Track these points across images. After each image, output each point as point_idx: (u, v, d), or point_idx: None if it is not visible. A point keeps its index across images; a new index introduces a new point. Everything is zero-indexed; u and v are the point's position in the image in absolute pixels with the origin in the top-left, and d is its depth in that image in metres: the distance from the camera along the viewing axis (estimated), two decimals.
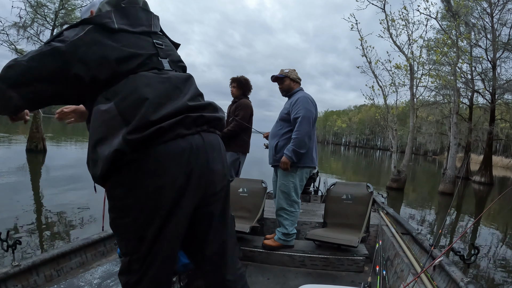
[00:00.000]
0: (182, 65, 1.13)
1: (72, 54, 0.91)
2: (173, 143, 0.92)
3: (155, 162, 0.90)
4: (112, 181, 0.92)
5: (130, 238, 0.95)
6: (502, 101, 16.65)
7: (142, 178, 0.90)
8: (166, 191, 0.91)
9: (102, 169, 0.88)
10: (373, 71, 11.43)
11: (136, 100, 0.90)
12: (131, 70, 0.95)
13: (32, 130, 11.96)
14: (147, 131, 0.87)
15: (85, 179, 7.89)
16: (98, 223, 4.48)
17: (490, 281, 3.77)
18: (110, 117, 0.89)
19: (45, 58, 0.90)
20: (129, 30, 1.00)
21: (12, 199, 5.52)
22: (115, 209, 0.95)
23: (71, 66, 0.91)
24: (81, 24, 0.97)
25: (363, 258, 2.44)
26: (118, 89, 0.92)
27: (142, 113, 0.88)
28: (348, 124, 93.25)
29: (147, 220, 0.92)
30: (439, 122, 18.53)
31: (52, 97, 0.96)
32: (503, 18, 14.96)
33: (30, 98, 0.93)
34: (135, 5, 1.06)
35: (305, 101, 2.44)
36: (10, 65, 0.90)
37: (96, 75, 0.92)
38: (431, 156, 58.02)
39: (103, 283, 1.59)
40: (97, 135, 0.91)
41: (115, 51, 0.94)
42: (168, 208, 0.92)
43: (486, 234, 6.21)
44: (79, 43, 0.92)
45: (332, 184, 3.11)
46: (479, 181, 15.59)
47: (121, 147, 0.85)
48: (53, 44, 0.91)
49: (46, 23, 12.06)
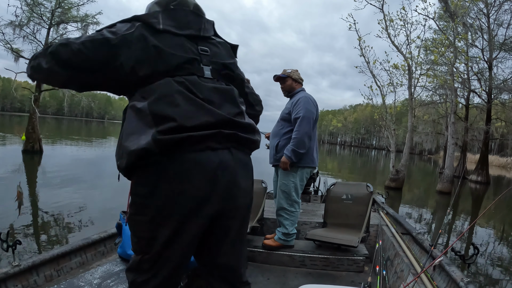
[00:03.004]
0: (226, 73, 1.10)
1: (120, 47, 0.93)
2: (202, 154, 0.92)
3: (181, 168, 0.90)
4: (136, 178, 0.94)
5: (143, 237, 0.96)
6: (498, 101, 16.77)
7: (166, 182, 0.90)
8: (187, 198, 0.92)
9: (127, 163, 0.91)
10: (371, 71, 11.49)
11: (168, 104, 0.91)
12: (169, 72, 0.96)
13: (28, 130, 11.81)
14: (177, 136, 0.89)
15: (83, 180, 7.87)
16: (97, 225, 4.49)
17: (490, 281, 3.79)
18: (142, 115, 0.92)
19: (96, 45, 0.92)
20: (174, 32, 1.01)
21: (9, 201, 5.47)
22: (135, 205, 0.96)
23: (117, 58, 0.93)
24: (133, 20, 1.00)
25: (363, 258, 2.44)
26: (153, 89, 0.94)
27: (173, 117, 0.90)
28: (344, 124, 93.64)
29: (163, 223, 0.92)
30: (435, 122, 18.63)
31: (96, 82, 0.99)
32: (499, 19, 15.10)
33: (76, 80, 0.97)
34: (185, 8, 1.07)
35: (306, 101, 2.44)
36: (62, 43, 0.92)
37: (136, 71, 0.94)
38: (427, 156, 58.37)
39: (103, 283, 1.58)
40: (127, 129, 0.94)
41: (156, 51, 0.96)
42: (186, 215, 0.93)
43: (485, 234, 6.26)
44: (129, 38, 0.95)
45: (332, 184, 3.11)
46: (476, 180, 15.71)
47: (149, 146, 0.87)
48: (105, 34, 0.94)
49: (43, 22, 11.95)
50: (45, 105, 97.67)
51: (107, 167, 10.63)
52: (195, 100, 0.95)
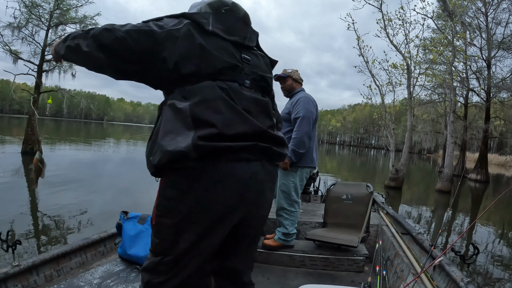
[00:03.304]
0: (263, 85, 1.10)
1: (165, 41, 0.93)
2: (237, 164, 0.92)
3: (215, 177, 0.90)
4: (167, 180, 0.93)
5: (165, 239, 0.95)
6: (497, 100, 16.80)
7: (198, 188, 0.90)
8: (217, 206, 0.91)
9: (159, 161, 0.89)
10: (370, 70, 11.50)
11: (211, 110, 0.91)
12: (212, 74, 0.95)
13: (27, 132, 11.78)
14: (217, 144, 0.88)
15: (82, 182, 7.86)
16: (96, 226, 4.49)
17: (490, 281, 3.79)
18: (182, 116, 0.90)
19: (141, 36, 0.91)
20: (222, 36, 1.00)
21: (8, 203, 5.46)
22: (162, 207, 0.94)
23: (161, 52, 0.92)
24: (181, 17, 0.99)
25: (363, 258, 2.45)
26: (196, 90, 0.93)
27: (214, 124, 0.89)
28: (343, 123, 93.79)
29: (189, 228, 0.92)
30: (434, 121, 18.66)
31: (135, 73, 0.98)
32: (497, 17, 15.13)
33: (115, 67, 0.96)
34: (235, 14, 1.07)
35: (306, 101, 2.45)
36: (107, 28, 0.91)
37: (179, 68, 0.93)
38: (426, 155, 58.46)
39: (103, 283, 1.58)
40: (164, 127, 0.92)
41: (202, 50, 0.95)
42: (214, 222, 0.93)
43: (485, 232, 6.26)
44: (175, 34, 0.93)
45: (332, 184, 3.11)
46: (475, 179, 15.74)
47: (188, 150, 0.85)
48: (152, 26, 0.93)
49: (41, 23, 11.92)
50: (43, 106, 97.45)
51: (106, 168, 10.63)
52: (236, 109, 0.94)
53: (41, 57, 11.98)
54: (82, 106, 15.46)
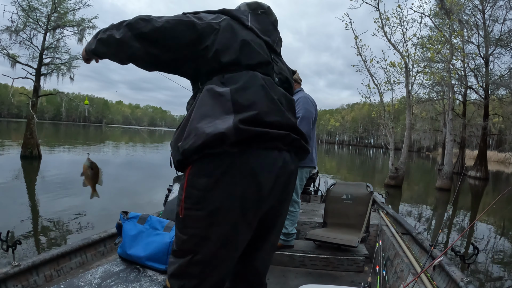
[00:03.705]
0: (286, 87, 1.11)
1: (206, 31, 0.93)
2: (271, 152, 0.91)
3: (251, 164, 0.86)
4: (198, 168, 0.86)
5: (195, 235, 0.87)
6: (496, 97, 16.83)
7: (234, 175, 0.85)
8: (251, 194, 0.87)
9: (194, 144, 0.83)
10: (369, 69, 11.51)
11: (251, 96, 0.91)
12: (250, 65, 0.96)
13: (26, 136, 11.76)
14: (257, 129, 0.86)
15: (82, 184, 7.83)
16: (96, 228, 4.48)
17: (490, 280, 3.79)
18: (222, 100, 0.88)
19: (181, 26, 0.91)
20: (258, 33, 1.04)
21: (7, 206, 5.45)
22: (191, 199, 0.86)
23: (202, 42, 0.93)
24: (218, 12, 1.01)
25: (363, 258, 2.45)
26: (236, 78, 0.93)
27: (254, 109, 0.89)
28: (341, 123, 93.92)
29: (222, 219, 0.86)
30: (433, 119, 18.68)
31: (171, 61, 0.96)
32: (494, 15, 15.16)
33: (152, 56, 0.93)
34: (269, 18, 1.13)
35: (305, 102, 2.46)
36: (143, 18, 0.91)
37: (219, 56, 0.93)
38: (425, 153, 58.54)
39: (103, 283, 1.58)
40: (202, 110, 0.88)
41: (242, 42, 0.96)
42: (247, 211, 0.88)
43: (485, 231, 6.26)
44: (215, 26, 0.95)
45: (332, 184, 3.12)
46: (475, 176, 15.77)
47: (228, 131, 0.81)
48: (191, 17, 0.94)
49: (39, 27, 11.91)
50: (42, 110, 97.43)
51: (105, 171, 10.62)
52: (274, 98, 0.96)
53: (39, 61, 11.97)
54: (81, 109, 15.41)
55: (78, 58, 12.59)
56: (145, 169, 11.66)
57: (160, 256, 1.72)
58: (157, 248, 1.74)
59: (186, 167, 0.88)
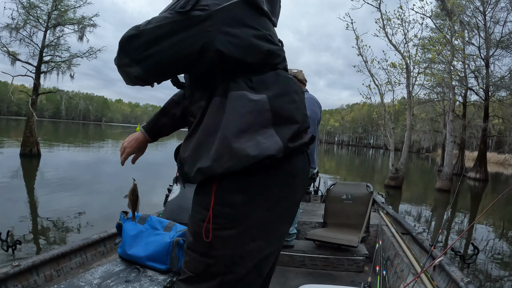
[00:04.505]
0: None
1: (215, 25, 0.74)
2: (301, 157, 0.83)
3: (289, 174, 0.79)
4: (231, 185, 0.75)
5: (226, 255, 0.77)
6: (496, 98, 16.85)
7: (271, 188, 0.76)
8: (287, 204, 0.81)
9: (232, 167, 0.72)
10: (369, 70, 11.51)
11: (289, 104, 0.79)
12: (274, 64, 0.83)
13: (25, 134, 11.75)
14: (301, 142, 0.79)
15: (81, 183, 7.84)
16: (96, 228, 4.47)
17: (490, 281, 3.80)
18: (259, 110, 0.75)
19: (176, 26, 0.74)
20: (270, 17, 0.87)
21: (7, 205, 5.45)
22: (221, 218, 0.75)
23: (212, 40, 0.74)
24: None
25: (363, 258, 2.45)
26: (266, 80, 0.79)
27: (296, 120, 0.79)
28: (341, 123, 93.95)
29: (258, 236, 0.78)
30: (433, 120, 18.70)
31: (175, 72, 0.84)
32: (495, 16, 15.17)
33: (152, 70, 0.78)
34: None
35: (311, 102, 2.47)
36: (132, 35, 0.74)
37: (242, 57, 0.77)
38: (424, 154, 58.58)
39: (103, 283, 1.57)
40: (237, 124, 0.74)
41: (264, 34, 0.81)
42: (282, 223, 0.82)
43: (484, 232, 6.27)
44: (225, 14, 0.74)
45: (332, 184, 3.11)
46: (475, 177, 15.79)
47: (277, 153, 0.73)
48: (192, 13, 0.73)
49: (39, 24, 11.90)
50: (42, 108, 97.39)
51: (105, 170, 10.61)
52: (303, 102, 0.86)
53: (39, 59, 11.96)
54: (81, 107, 15.40)
55: (78, 56, 12.61)
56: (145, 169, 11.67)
57: (160, 256, 1.72)
58: (157, 248, 1.73)
59: (210, 184, 0.76)
